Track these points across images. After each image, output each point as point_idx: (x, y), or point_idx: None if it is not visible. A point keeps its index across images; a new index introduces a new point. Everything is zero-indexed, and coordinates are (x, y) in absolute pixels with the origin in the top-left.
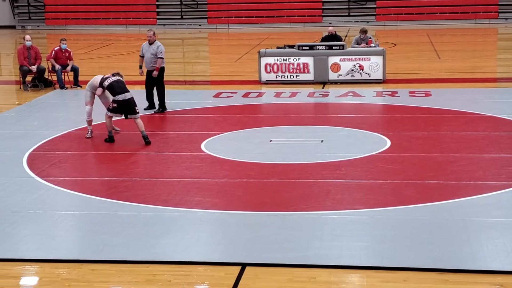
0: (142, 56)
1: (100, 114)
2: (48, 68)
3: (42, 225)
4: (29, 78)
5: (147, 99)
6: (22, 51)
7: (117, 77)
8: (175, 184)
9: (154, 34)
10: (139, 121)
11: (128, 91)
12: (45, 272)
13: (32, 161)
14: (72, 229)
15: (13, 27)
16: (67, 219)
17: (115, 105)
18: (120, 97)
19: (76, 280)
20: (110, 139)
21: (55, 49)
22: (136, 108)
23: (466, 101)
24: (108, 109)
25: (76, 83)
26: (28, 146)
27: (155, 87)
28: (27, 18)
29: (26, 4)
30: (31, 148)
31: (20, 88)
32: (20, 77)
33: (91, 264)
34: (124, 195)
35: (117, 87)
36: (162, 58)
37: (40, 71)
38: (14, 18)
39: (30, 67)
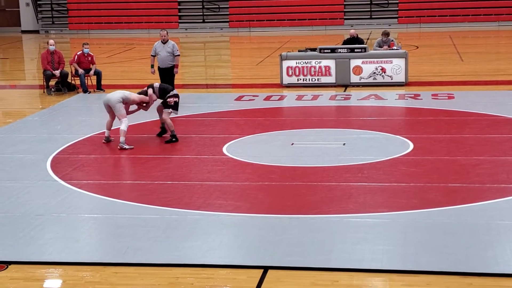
0: (153, 56)
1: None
2: (71, 72)
3: (65, 228)
4: (52, 82)
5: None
6: (45, 56)
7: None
8: (197, 187)
9: (167, 33)
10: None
11: None
12: (69, 274)
13: (56, 165)
14: (96, 232)
15: (36, 31)
16: (90, 222)
17: (177, 99)
18: (175, 92)
19: (100, 282)
20: (175, 138)
21: (78, 53)
22: None
23: (489, 104)
24: (171, 106)
25: (99, 87)
26: (51, 150)
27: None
28: (51, 22)
29: (50, 9)
30: (55, 152)
31: (43, 92)
32: (43, 82)
33: (114, 266)
34: (147, 198)
35: (167, 87)
36: (179, 55)
37: (64, 75)
38: (37, 22)
39: (53, 72)
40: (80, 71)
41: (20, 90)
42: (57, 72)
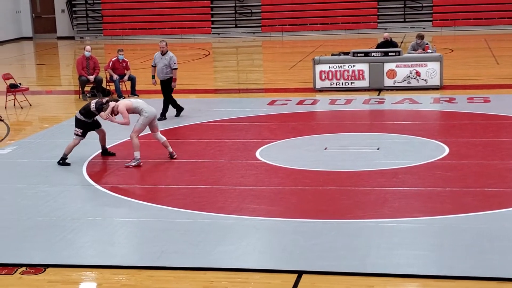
0: (154, 66)
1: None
2: (106, 78)
3: (101, 232)
4: (87, 88)
5: (173, 107)
6: (81, 61)
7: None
8: (230, 192)
9: (166, 44)
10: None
11: None
12: (105, 278)
13: (92, 169)
14: (131, 235)
15: (72, 38)
16: (125, 226)
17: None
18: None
19: (135, 286)
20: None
21: (113, 59)
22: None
23: None
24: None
25: (134, 92)
26: (87, 155)
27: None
28: (86, 29)
29: (85, 15)
30: (91, 156)
31: (79, 97)
32: (79, 87)
33: (150, 270)
34: (181, 203)
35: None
36: (176, 69)
37: (98, 81)
38: (73, 29)
39: (88, 77)
40: (115, 76)
41: (56, 95)
42: (91, 77)
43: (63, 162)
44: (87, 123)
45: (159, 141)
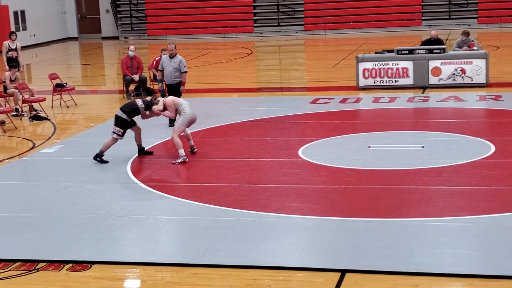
0: (161, 70)
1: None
2: (149, 77)
3: (145, 229)
4: (132, 87)
5: None
6: (125, 61)
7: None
8: (273, 190)
9: (175, 47)
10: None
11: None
12: (149, 275)
13: (136, 167)
14: (175, 233)
15: (116, 38)
16: (169, 223)
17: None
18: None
19: (179, 283)
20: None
21: (157, 59)
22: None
23: None
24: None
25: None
26: (132, 153)
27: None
28: (130, 29)
29: (129, 15)
30: (135, 155)
31: (123, 97)
32: (123, 86)
33: (193, 268)
34: (224, 201)
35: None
36: (186, 72)
37: (143, 80)
38: (117, 29)
39: (132, 76)
40: (159, 75)
41: (100, 95)
42: (135, 77)
43: (100, 159)
44: (127, 122)
45: (184, 133)
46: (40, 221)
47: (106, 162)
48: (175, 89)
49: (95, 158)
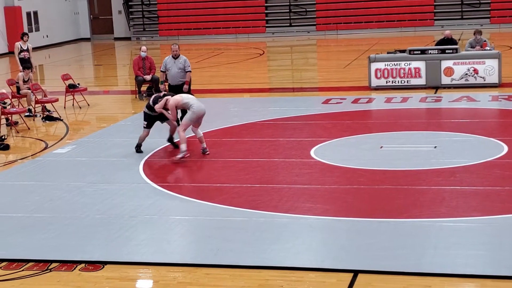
0: (163, 71)
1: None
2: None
3: (158, 229)
4: (144, 88)
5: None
6: (137, 62)
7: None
8: (285, 191)
9: (178, 48)
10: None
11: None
12: (161, 275)
13: (148, 168)
14: (187, 233)
15: (128, 38)
16: (181, 224)
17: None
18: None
19: (191, 283)
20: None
21: None
22: None
23: None
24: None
25: (189, 91)
26: (144, 154)
27: None
28: (142, 29)
29: (141, 16)
30: (147, 155)
31: (135, 97)
32: (135, 87)
33: (206, 268)
34: (235, 201)
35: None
36: (190, 71)
37: (155, 80)
38: (129, 30)
39: (144, 77)
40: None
41: (113, 95)
42: (147, 77)
43: (138, 149)
44: (151, 116)
45: (196, 135)
46: (53, 221)
47: (141, 152)
48: (179, 90)
49: (135, 148)
